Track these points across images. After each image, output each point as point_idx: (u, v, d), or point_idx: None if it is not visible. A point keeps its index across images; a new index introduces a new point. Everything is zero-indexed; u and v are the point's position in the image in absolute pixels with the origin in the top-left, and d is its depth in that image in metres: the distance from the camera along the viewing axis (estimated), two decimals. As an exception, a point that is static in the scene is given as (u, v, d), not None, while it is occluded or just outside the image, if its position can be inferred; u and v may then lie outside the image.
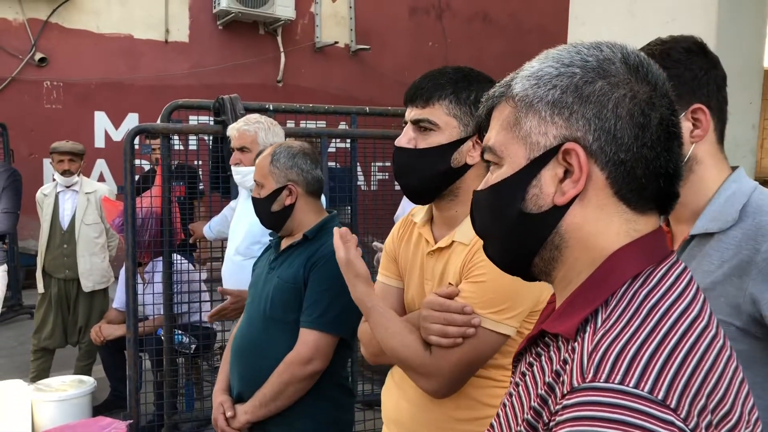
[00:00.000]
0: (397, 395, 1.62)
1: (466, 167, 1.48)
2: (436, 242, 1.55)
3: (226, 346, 2.42)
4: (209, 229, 3.60)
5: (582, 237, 0.83)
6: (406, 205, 3.44)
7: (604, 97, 0.80)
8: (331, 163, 4.19)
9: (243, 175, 2.89)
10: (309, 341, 2.07)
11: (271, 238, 2.42)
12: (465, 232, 1.47)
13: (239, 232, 2.91)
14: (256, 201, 2.25)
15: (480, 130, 0.95)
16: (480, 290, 1.39)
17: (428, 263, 1.56)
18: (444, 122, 1.45)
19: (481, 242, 1.38)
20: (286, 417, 2.11)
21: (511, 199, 0.85)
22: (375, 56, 9.52)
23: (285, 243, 2.28)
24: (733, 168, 1.43)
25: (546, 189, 0.83)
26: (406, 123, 1.52)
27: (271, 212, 2.21)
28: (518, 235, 0.86)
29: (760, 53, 3.34)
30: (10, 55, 7.65)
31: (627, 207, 0.82)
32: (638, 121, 0.80)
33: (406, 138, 1.49)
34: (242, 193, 3.05)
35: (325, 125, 5.44)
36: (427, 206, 1.61)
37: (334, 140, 4.87)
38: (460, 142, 1.46)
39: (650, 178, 0.82)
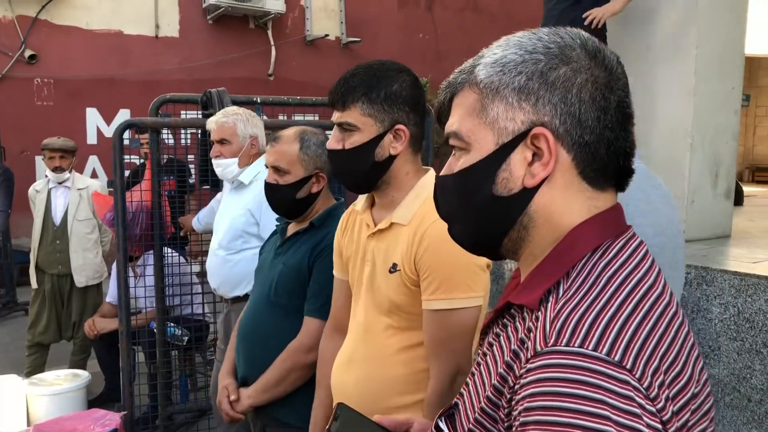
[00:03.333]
0: (344, 378, 1.69)
1: (392, 158, 1.60)
2: (376, 225, 1.64)
3: (233, 330, 2.43)
4: (197, 221, 3.63)
5: (548, 216, 0.87)
6: None
7: (568, 83, 0.84)
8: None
9: (224, 167, 2.89)
10: (312, 330, 2.10)
11: (278, 223, 2.42)
12: (402, 214, 1.59)
13: (222, 226, 2.91)
14: (274, 187, 2.22)
15: (440, 116, 0.98)
16: (435, 279, 1.50)
17: (369, 245, 1.66)
18: (361, 123, 1.58)
19: (423, 228, 1.50)
20: (288, 400, 2.15)
21: (482, 183, 0.87)
22: (366, 48, 9.52)
23: (291, 229, 2.29)
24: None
25: (516, 172, 0.86)
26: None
27: (295, 199, 2.20)
28: (489, 218, 0.89)
29: (741, 40, 3.37)
30: (0, 53, 7.65)
31: (589, 185, 0.87)
32: (600, 105, 0.84)
33: (335, 140, 1.62)
34: (225, 186, 3.04)
35: (317, 118, 5.45)
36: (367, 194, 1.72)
37: (328, 132, 4.88)
38: (379, 138, 1.58)
39: (611, 157, 0.86)
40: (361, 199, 1.75)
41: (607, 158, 0.86)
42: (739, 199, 5.50)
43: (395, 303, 1.58)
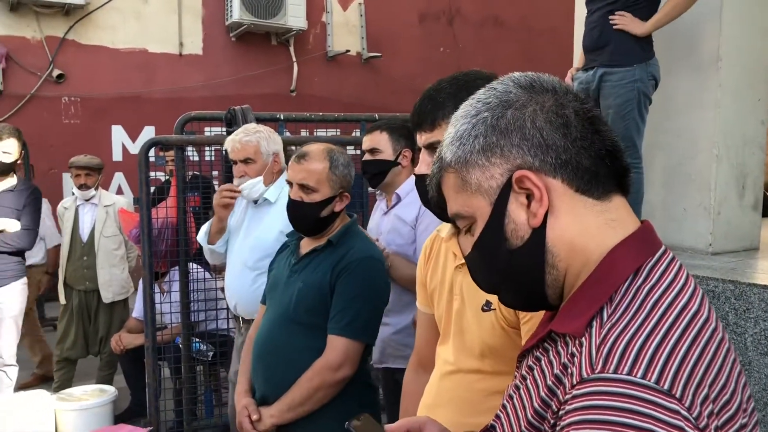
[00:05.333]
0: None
1: None
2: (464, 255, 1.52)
3: (244, 347, 2.42)
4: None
5: (568, 244, 0.87)
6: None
7: (520, 121, 0.88)
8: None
9: (251, 187, 2.83)
10: (339, 348, 2.07)
11: (288, 238, 2.40)
12: None
13: (246, 244, 2.85)
14: (298, 204, 2.20)
15: (440, 207, 1.02)
16: (534, 326, 1.33)
17: (456, 278, 1.52)
18: None
19: None
20: (312, 418, 2.13)
21: (497, 244, 0.90)
22: (387, 63, 9.58)
23: (307, 246, 2.27)
24: None
25: (519, 219, 0.88)
26: (419, 149, 1.51)
27: (318, 218, 2.19)
28: (519, 273, 0.91)
29: (766, 50, 3.33)
30: (29, 73, 7.81)
31: (592, 199, 0.88)
32: (559, 123, 0.87)
33: (425, 164, 1.47)
34: (242, 204, 2.97)
35: (338, 133, 5.49)
36: None
37: (350, 148, 4.92)
38: None
39: (596, 162, 0.88)
40: (446, 225, 1.60)
41: (594, 165, 0.88)
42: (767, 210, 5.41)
43: (489, 345, 1.43)
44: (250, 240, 2.85)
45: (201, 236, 3.10)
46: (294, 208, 2.23)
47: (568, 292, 0.90)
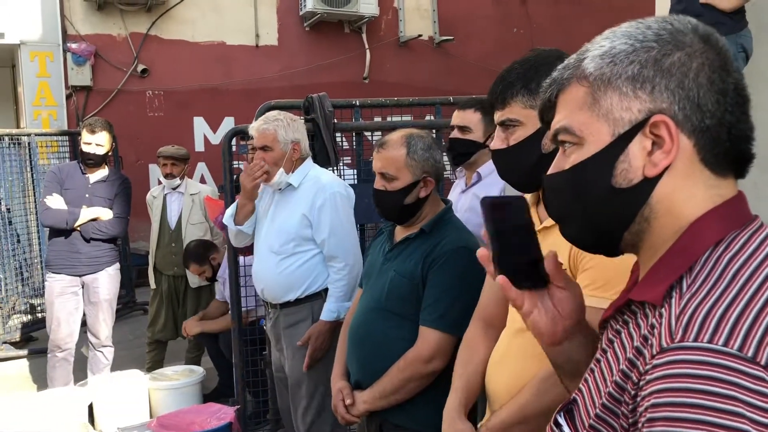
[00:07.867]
0: (497, 374, 1.64)
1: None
2: (542, 223, 1.57)
3: (341, 332, 2.46)
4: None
5: (670, 206, 0.85)
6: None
7: (684, 68, 0.83)
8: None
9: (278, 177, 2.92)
10: (431, 340, 2.05)
11: (382, 224, 2.40)
12: None
13: (272, 229, 2.94)
14: (382, 193, 2.22)
15: (542, 114, 0.97)
16: (597, 275, 1.38)
17: None
18: (523, 116, 1.52)
19: None
20: (404, 406, 2.13)
21: (600, 175, 0.87)
22: (459, 46, 9.49)
23: (400, 234, 2.26)
24: None
25: (635, 162, 0.85)
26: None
27: (403, 206, 2.19)
28: (610, 212, 0.88)
29: None
30: (116, 68, 8.17)
31: (711, 173, 0.85)
32: (718, 88, 0.83)
33: (499, 140, 1.58)
34: (268, 190, 3.04)
35: (411, 118, 5.49)
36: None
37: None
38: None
39: (733, 141, 0.84)
40: (527, 197, 1.67)
41: (729, 143, 0.84)
42: None
43: None
44: (276, 225, 2.94)
45: (227, 218, 3.17)
46: (378, 198, 2.24)
47: (647, 252, 0.88)
